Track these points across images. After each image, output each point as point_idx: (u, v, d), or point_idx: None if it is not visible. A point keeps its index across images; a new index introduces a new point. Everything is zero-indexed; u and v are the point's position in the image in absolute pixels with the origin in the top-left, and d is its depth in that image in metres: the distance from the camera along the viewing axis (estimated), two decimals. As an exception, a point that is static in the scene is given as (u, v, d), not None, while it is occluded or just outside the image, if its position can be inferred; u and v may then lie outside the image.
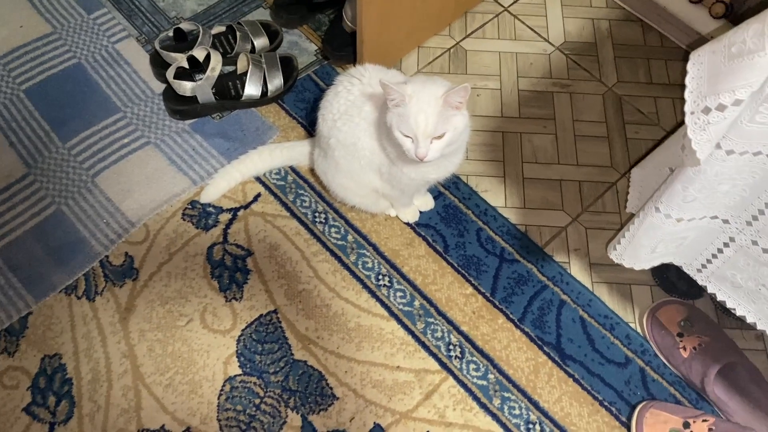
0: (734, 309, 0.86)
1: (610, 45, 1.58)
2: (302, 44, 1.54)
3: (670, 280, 1.24)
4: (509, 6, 1.63)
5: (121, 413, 1.12)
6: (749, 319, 0.85)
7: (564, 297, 1.25)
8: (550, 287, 1.26)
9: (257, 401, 1.13)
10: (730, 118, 0.63)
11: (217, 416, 1.12)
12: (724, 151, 0.68)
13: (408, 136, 0.98)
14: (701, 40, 1.49)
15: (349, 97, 1.12)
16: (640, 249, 0.85)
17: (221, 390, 1.14)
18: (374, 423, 1.12)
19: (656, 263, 0.89)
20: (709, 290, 0.88)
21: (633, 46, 1.58)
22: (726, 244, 0.81)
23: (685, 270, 0.90)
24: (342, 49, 1.47)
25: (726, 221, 0.79)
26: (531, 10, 1.63)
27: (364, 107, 1.09)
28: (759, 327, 0.85)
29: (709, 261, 0.85)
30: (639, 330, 1.23)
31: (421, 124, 0.95)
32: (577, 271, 1.28)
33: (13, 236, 1.27)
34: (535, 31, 1.60)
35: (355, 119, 1.11)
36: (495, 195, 1.36)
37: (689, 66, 0.66)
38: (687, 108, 0.65)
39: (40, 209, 1.30)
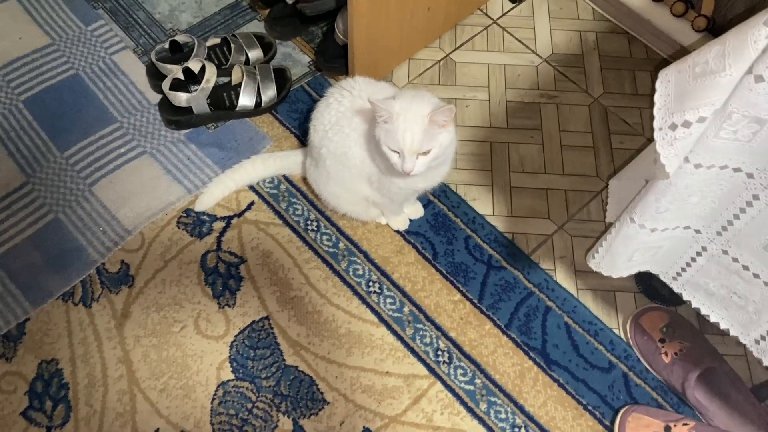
0: (708, 315, 0.90)
1: (596, 57, 1.61)
2: (295, 56, 1.58)
3: (653, 287, 1.28)
4: (498, 19, 1.67)
5: (117, 417, 1.15)
6: (722, 326, 0.88)
7: (549, 303, 1.28)
8: (536, 294, 1.29)
9: (249, 405, 1.16)
10: (696, 134, 0.67)
11: (211, 420, 1.15)
12: (692, 164, 0.71)
13: (395, 151, 1.02)
14: (684, 52, 1.52)
15: (340, 109, 1.15)
16: (617, 257, 0.89)
17: (214, 394, 1.17)
18: (363, 427, 1.15)
19: (633, 271, 0.93)
20: (685, 297, 0.91)
21: (619, 58, 1.61)
22: (699, 253, 0.85)
23: (662, 278, 0.93)
24: (334, 60, 1.50)
25: (698, 231, 0.82)
26: (519, 22, 1.67)
27: (355, 118, 1.13)
28: (732, 333, 0.88)
29: (683, 269, 0.89)
30: (622, 336, 1.26)
31: (407, 141, 0.99)
32: (563, 278, 1.32)
33: (11, 244, 1.30)
34: (523, 43, 1.63)
35: (346, 130, 1.14)
36: (483, 203, 1.39)
37: (657, 84, 0.70)
38: (656, 124, 0.69)
39: (38, 217, 1.33)
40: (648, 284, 1.28)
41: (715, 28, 1.50)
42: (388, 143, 1.01)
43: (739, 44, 0.61)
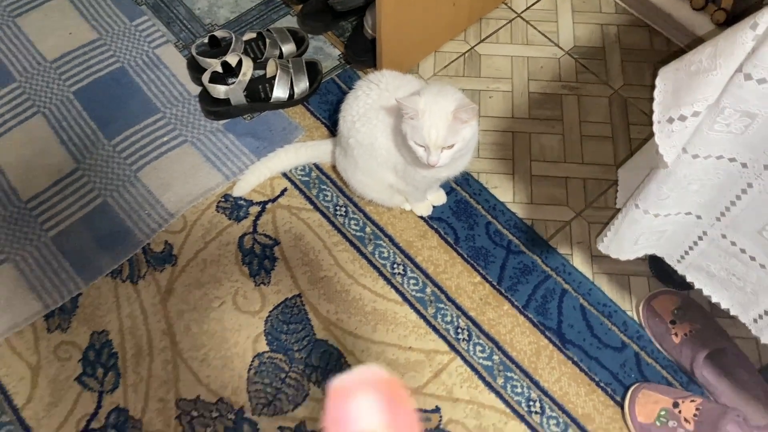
0: (710, 296, 0.96)
1: (617, 49, 1.66)
2: (326, 50, 1.66)
3: (666, 271, 1.33)
4: (522, 12, 1.73)
5: (162, 384, 1.25)
6: (723, 305, 0.94)
7: (566, 286, 1.34)
8: (553, 277, 1.36)
9: (283, 375, 1.25)
10: (691, 127, 0.73)
11: (247, 388, 1.24)
12: (690, 155, 0.77)
13: (421, 146, 1.09)
14: (703, 46, 1.56)
15: (368, 101, 1.23)
16: (623, 241, 0.95)
17: (250, 365, 1.26)
18: (388, 397, 1.23)
19: (640, 254, 0.99)
20: (688, 279, 0.97)
21: (640, 50, 1.66)
22: (700, 238, 0.91)
23: (667, 261, 0.99)
24: (363, 54, 1.58)
25: (699, 217, 0.88)
26: (543, 16, 1.72)
27: (381, 111, 1.20)
28: (732, 312, 0.94)
29: (686, 252, 0.95)
30: (635, 317, 1.32)
31: (432, 136, 1.06)
32: (579, 262, 1.38)
33: (64, 225, 1.40)
34: (546, 36, 1.69)
35: (373, 121, 1.22)
36: (504, 191, 1.46)
37: (657, 81, 0.76)
38: (654, 118, 0.75)
39: (88, 201, 1.43)
40: (661, 269, 1.33)
41: (734, 21, 1.53)
42: (414, 138, 1.09)
43: (729, 45, 0.67)
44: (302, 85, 1.53)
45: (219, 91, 1.47)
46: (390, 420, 0.30)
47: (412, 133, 1.09)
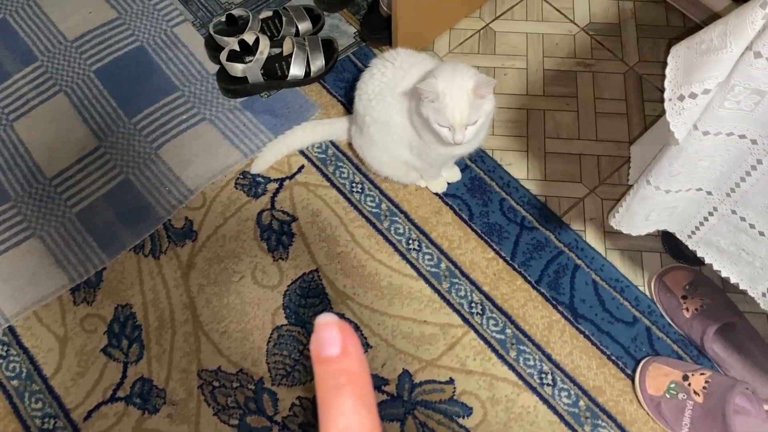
0: (719, 271, 0.97)
1: (633, 25, 1.66)
2: (342, 27, 1.67)
3: (679, 247, 1.34)
4: (537, -11, 1.73)
5: (184, 356, 1.29)
6: (732, 280, 0.96)
7: (578, 262, 1.36)
8: (566, 253, 1.38)
9: (301, 348, 1.29)
10: (702, 105, 0.74)
11: (266, 360, 1.28)
12: (700, 132, 0.79)
13: (445, 126, 1.11)
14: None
15: (383, 80, 1.24)
16: (635, 217, 0.97)
17: (269, 337, 1.30)
18: (403, 369, 1.27)
19: (651, 229, 1.00)
20: (699, 254, 0.99)
21: (655, 27, 1.65)
22: (711, 213, 0.92)
23: (678, 236, 1.01)
24: (378, 32, 1.59)
25: (709, 193, 0.90)
26: (558, -8, 1.72)
27: (397, 89, 1.22)
28: (741, 287, 0.96)
29: (697, 228, 0.96)
30: (647, 293, 1.34)
31: (457, 116, 1.08)
32: (592, 238, 1.40)
33: (87, 202, 1.44)
34: (561, 13, 1.69)
35: (388, 99, 1.23)
36: (518, 168, 1.48)
37: (669, 59, 0.77)
38: (666, 95, 0.76)
39: (110, 178, 1.47)
40: (673, 245, 1.35)
41: (751, -3, 1.52)
42: (438, 121, 1.11)
43: (739, 24, 0.68)
44: (318, 63, 1.55)
45: (236, 69, 1.49)
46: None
47: (436, 116, 1.11)
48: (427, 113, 1.12)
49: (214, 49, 1.58)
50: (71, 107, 1.55)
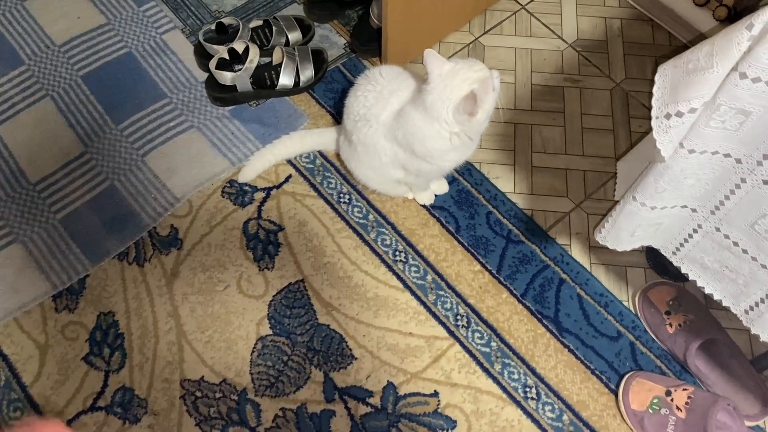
0: (703, 287, 0.98)
1: (620, 43, 1.68)
2: (332, 38, 1.67)
3: (663, 263, 1.36)
4: (526, 4, 1.74)
5: (167, 365, 1.28)
6: (716, 297, 0.97)
7: (564, 276, 1.37)
8: (551, 267, 1.38)
9: (285, 358, 1.28)
10: (688, 123, 0.75)
11: (250, 370, 1.27)
12: (686, 150, 0.80)
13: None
14: (705, 41, 1.58)
15: (366, 103, 1.24)
16: (620, 232, 0.98)
17: (254, 347, 1.29)
18: (387, 381, 1.26)
19: (636, 245, 1.01)
20: (683, 270, 1.00)
21: (642, 45, 1.67)
22: (695, 230, 0.93)
23: (663, 252, 1.02)
24: (368, 43, 1.59)
25: (694, 210, 0.91)
26: (547, 8, 1.74)
27: (380, 117, 1.22)
28: (724, 304, 0.97)
29: (681, 244, 0.97)
30: (631, 308, 1.34)
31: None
32: (578, 253, 1.40)
33: (72, 208, 1.43)
34: (549, 29, 1.71)
35: (373, 125, 1.23)
36: (505, 181, 1.48)
37: (656, 77, 0.78)
38: (653, 113, 0.77)
39: (95, 184, 1.45)
40: (657, 261, 1.36)
41: (736, 18, 1.55)
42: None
43: (725, 45, 0.69)
44: (308, 73, 1.55)
45: (225, 77, 1.49)
46: None
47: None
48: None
49: (203, 56, 1.58)
50: (57, 112, 1.54)
